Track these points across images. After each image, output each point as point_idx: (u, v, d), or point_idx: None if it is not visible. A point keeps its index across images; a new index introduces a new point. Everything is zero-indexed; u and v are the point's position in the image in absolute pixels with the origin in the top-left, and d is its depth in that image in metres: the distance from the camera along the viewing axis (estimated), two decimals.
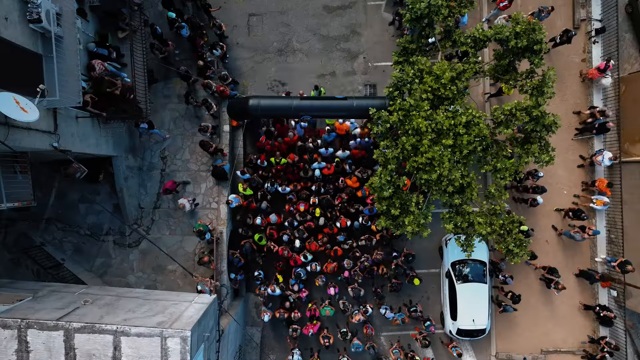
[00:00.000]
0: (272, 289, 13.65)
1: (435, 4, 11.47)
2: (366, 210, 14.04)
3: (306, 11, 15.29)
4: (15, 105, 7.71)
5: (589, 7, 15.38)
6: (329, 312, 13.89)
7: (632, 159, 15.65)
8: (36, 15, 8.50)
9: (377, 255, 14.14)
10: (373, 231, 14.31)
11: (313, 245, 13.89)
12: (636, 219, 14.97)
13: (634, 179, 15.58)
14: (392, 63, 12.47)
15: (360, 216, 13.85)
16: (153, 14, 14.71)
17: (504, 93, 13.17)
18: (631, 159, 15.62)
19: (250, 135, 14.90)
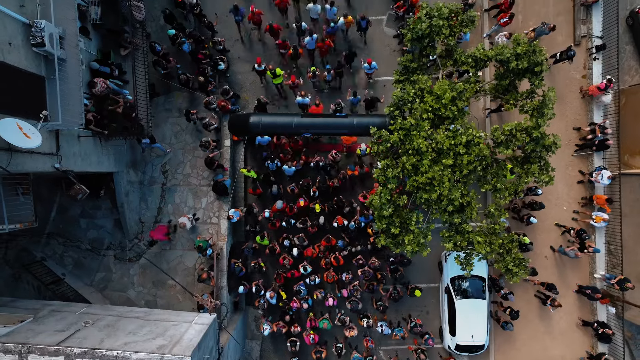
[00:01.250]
0: (271, 295, 13.70)
1: (437, 24, 11.52)
2: (362, 217, 14.10)
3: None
4: (18, 132, 7.76)
5: (589, 24, 15.41)
6: (327, 325, 13.93)
7: (632, 171, 15.70)
8: (39, 39, 8.55)
9: (375, 262, 14.18)
10: (369, 234, 14.43)
11: (309, 250, 13.97)
12: (636, 232, 15.03)
13: (634, 192, 15.64)
14: (393, 81, 12.51)
15: (354, 217, 13.94)
16: (155, 28, 14.81)
17: (505, 109, 13.21)
18: (631, 172, 15.66)
19: (252, 148, 14.95)
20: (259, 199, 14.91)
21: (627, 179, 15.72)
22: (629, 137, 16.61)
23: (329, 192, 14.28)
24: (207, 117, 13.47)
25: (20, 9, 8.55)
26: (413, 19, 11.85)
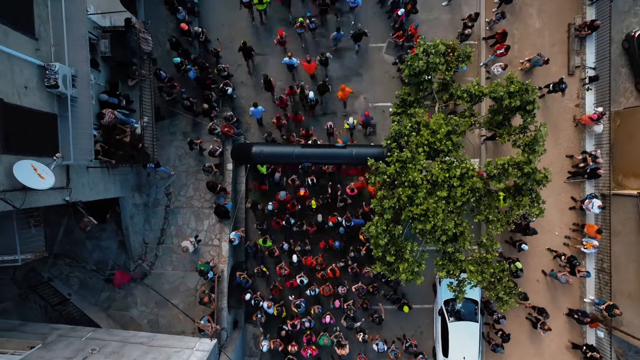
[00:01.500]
0: (268, 305, 14.13)
1: (433, 61, 11.96)
2: (354, 219, 14.47)
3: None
4: (33, 173, 8.19)
5: (583, 55, 15.84)
6: (327, 341, 14.32)
7: (624, 192, 16.09)
8: (54, 81, 8.99)
9: (369, 272, 14.56)
10: (362, 241, 14.90)
11: (309, 259, 14.43)
12: (628, 250, 15.40)
13: (626, 212, 16.04)
14: (391, 113, 12.95)
15: (344, 220, 14.36)
16: (160, 53, 15.20)
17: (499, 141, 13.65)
18: (623, 192, 16.05)
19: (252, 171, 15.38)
20: (263, 197, 15.36)
21: (619, 200, 16.12)
22: (622, 158, 17.03)
23: (325, 175, 14.74)
24: (211, 144, 13.89)
25: (36, 52, 8.98)
26: (411, 56, 12.30)
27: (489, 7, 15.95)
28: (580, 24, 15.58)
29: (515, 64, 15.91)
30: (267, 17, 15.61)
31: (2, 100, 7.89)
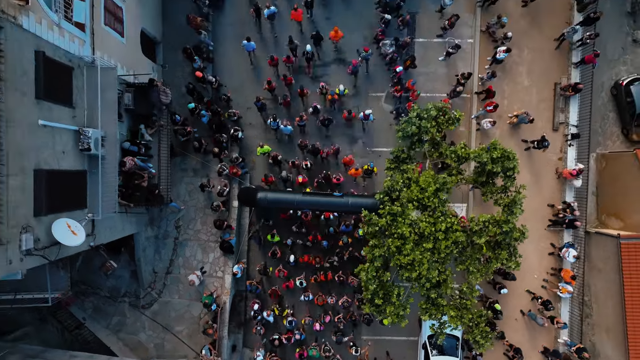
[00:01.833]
0: (267, 313, 15.30)
1: (425, 126, 13.20)
2: (343, 226, 15.63)
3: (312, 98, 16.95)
4: (67, 230, 9.42)
5: (567, 113, 17.07)
6: (315, 352, 15.47)
7: (606, 231, 17.32)
8: (87, 145, 10.22)
9: (354, 281, 15.75)
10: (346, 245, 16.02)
11: (306, 257, 15.74)
12: (607, 288, 16.66)
13: (607, 251, 17.26)
14: (385, 168, 14.18)
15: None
16: (176, 95, 16.37)
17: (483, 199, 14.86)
18: (605, 231, 17.26)
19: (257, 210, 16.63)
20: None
21: (601, 238, 17.29)
22: (606, 198, 18.28)
23: (318, 150, 15.96)
24: (219, 185, 15.12)
25: (72, 119, 10.21)
26: (404, 120, 13.53)
27: (482, 62, 17.15)
28: (565, 84, 16.83)
29: (504, 118, 17.13)
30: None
31: (46, 170, 9.12)
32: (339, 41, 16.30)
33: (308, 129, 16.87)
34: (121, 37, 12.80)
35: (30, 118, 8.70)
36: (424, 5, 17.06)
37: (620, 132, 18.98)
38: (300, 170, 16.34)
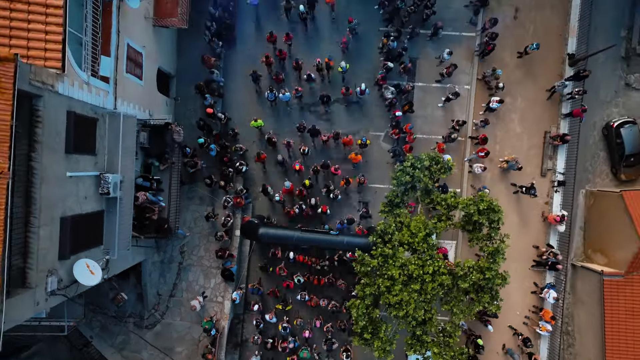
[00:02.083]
0: (270, 316, 16.24)
1: (418, 176, 14.18)
2: (338, 224, 16.67)
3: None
4: (86, 270, 10.40)
5: (555, 160, 18.05)
6: (307, 354, 16.30)
7: (591, 265, 18.31)
8: (106, 189, 11.19)
9: (342, 285, 16.69)
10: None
11: (300, 257, 16.54)
12: (589, 321, 17.75)
13: (591, 285, 18.28)
14: (379, 211, 15.15)
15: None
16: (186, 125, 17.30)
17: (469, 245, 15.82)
18: (590, 266, 18.27)
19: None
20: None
21: (585, 273, 18.36)
22: (593, 234, 19.28)
23: (318, 132, 16.82)
24: (223, 217, 16.10)
25: (94, 165, 11.19)
26: (399, 168, 14.51)
27: (478, 108, 18.12)
28: (554, 134, 17.81)
29: (495, 162, 18.10)
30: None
31: (70, 216, 10.09)
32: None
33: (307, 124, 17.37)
34: (140, 80, 13.77)
35: (60, 172, 9.68)
36: (424, 51, 18.05)
37: (609, 171, 20.02)
38: (296, 154, 17.25)
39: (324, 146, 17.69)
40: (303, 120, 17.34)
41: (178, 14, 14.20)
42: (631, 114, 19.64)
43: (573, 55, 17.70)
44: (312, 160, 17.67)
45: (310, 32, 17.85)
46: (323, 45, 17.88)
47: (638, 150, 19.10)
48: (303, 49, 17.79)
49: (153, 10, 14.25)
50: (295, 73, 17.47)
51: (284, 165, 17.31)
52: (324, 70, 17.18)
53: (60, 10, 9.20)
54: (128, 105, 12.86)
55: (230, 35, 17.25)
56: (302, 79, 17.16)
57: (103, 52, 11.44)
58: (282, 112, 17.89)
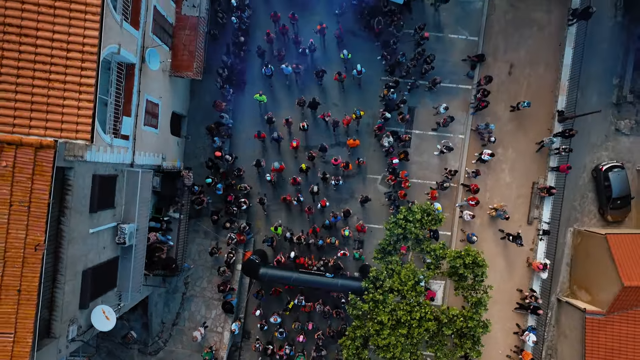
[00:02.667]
0: (274, 319, 17.29)
1: (410, 228, 15.25)
2: (333, 218, 17.77)
3: (314, 177, 18.92)
4: (102, 316, 11.45)
5: (541, 210, 19.12)
6: (303, 359, 17.43)
7: (575, 302, 19.47)
8: (123, 239, 12.24)
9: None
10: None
11: (302, 259, 17.68)
12: (571, 354, 18.94)
13: (574, 320, 19.39)
14: (372, 257, 16.22)
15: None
16: (195, 164, 18.39)
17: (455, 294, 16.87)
18: (574, 302, 19.43)
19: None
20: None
21: (571, 308, 19.46)
22: (578, 272, 20.38)
23: (318, 104, 17.88)
24: (226, 254, 17.17)
25: (112, 217, 12.26)
26: (392, 221, 15.58)
27: (471, 156, 19.17)
28: (541, 185, 18.87)
29: (485, 208, 19.16)
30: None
31: (90, 268, 11.16)
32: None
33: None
34: (155, 130, 14.83)
35: (84, 230, 10.74)
36: (423, 101, 19.12)
37: (597, 211, 21.10)
38: (296, 131, 18.33)
39: (327, 126, 18.55)
40: (302, 95, 18.29)
41: (194, 69, 15.26)
42: (620, 158, 20.79)
43: (562, 112, 18.76)
44: (311, 139, 18.65)
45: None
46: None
47: (625, 193, 20.21)
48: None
49: (170, 63, 15.31)
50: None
51: (279, 141, 18.17)
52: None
53: (92, 88, 10.26)
54: (144, 155, 13.91)
55: (240, 79, 18.32)
56: (304, 50, 18.00)
57: (125, 113, 12.51)
58: (282, 91, 18.74)
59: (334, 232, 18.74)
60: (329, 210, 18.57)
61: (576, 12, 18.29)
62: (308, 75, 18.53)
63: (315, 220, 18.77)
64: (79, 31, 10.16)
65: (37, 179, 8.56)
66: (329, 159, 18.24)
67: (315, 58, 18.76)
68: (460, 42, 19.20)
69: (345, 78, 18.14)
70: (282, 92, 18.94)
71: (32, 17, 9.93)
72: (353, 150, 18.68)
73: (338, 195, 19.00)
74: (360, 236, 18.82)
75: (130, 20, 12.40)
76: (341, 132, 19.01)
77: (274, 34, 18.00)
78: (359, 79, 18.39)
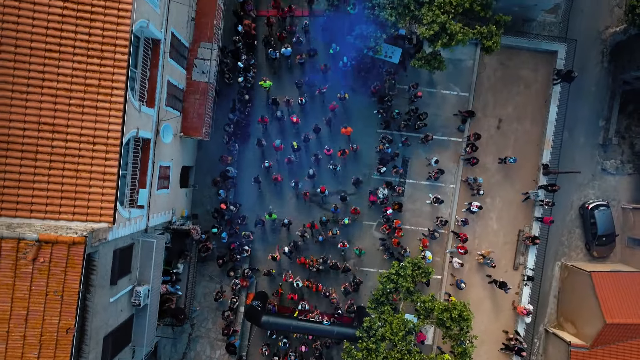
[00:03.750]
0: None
1: (401, 283, 16.47)
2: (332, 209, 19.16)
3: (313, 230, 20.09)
4: None
5: (526, 257, 20.34)
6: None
7: (561, 334, 20.77)
8: (138, 302, 13.44)
9: (334, 300, 18.93)
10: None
11: (302, 259, 18.76)
12: None
13: (560, 352, 20.69)
14: (367, 307, 17.43)
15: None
16: (201, 211, 19.59)
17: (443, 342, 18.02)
18: (560, 334, 20.73)
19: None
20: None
21: (557, 339, 20.72)
22: (565, 305, 21.66)
23: (314, 85, 18.99)
24: (229, 299, 18.38)
25: (129, 281, 13.45)
26: (385, 276, 16.80)
27: (461, 205, 20.38)
28: (526, 234, 20.10)
29: (474, 254, 20.38)
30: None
31: (110, 332, 12.36)
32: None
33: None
34: (167, 190, 16.04)
35: (106, 301, 11.94)
36: (416, 152, 20.34)
37: (584, 246, 22.38)
38: (295, 108, 19.54)
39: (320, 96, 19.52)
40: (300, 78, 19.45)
41: (203, 131, 16.48)
42: (606, 196, 22.12)
43: (547, 165, 19.99)
44: (307, 116, 19.73)
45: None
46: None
47: (609, 231, 21.52)
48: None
49: (181, 127, 16.52)
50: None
51: (282, 120, 19.40)
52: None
53: (114, 176, 11.48)
54: (157, 216, 15.12)
55: (245, 133, 19.54)
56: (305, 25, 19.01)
57: (141, 185, 13.74)
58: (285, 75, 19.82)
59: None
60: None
61: (560, 72, 19.52)
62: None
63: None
64: (103, 126, 11.39)
65: (69, 270, 9.77)
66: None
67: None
68: (452, 97, 20.44)
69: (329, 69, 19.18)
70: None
71: (63, 116, 11.15)
72: (348, 137, 19.58)
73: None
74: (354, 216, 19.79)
75: (146, 101, 13.62)
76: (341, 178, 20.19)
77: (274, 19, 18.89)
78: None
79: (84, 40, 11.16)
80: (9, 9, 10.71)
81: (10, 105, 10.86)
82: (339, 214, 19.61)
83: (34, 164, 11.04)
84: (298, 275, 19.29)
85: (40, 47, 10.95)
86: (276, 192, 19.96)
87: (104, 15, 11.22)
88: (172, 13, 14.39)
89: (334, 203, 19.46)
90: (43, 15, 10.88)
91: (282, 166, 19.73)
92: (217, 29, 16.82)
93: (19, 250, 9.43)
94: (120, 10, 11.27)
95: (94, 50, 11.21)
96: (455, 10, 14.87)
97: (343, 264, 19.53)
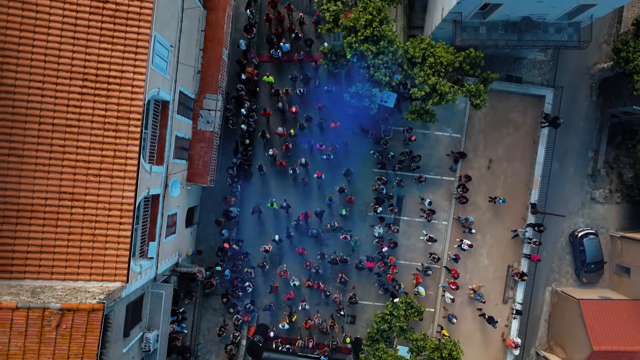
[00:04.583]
0: (282, 324, 19.33)
1: (395, 323, 17.47)
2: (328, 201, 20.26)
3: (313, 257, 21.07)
4: None
5: (515, 291, 21.31)
6: None
7: (551, 357, 21.86)
8: (147, 348, 14.40)
9: (337, 298, 19.93)
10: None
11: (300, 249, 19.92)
12: None
13: None
14: (362, 344, 18.42)
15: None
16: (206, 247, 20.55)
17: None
18: (550, 357, 21.83)
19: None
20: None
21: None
22: (555, 329, 22.64)
23: (309, 79, 19.87)
24: (231, 333, 19.35)
25: (140, 328, 14.41)
26: (379, 316, 17.79)
27: (454, 241, 21.35)
28: (515, 270, 21.07)
29: (465, 288, 21.35)
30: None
31: None
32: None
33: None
34: (174, 235, 17.00)
35: (119, 352, 12.90)
36: (411, 191, 21.32)
37: (573, 272, 23.37)
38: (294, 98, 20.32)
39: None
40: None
41: (208, 179, 17.45)
42: (595, 225, 23.12)
43: (535, 205, 20.97)
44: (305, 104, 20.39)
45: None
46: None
47: (598, 259, 22.52)
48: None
49: (187, 174, 17.49)
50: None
51: (283, 111, 20.24)
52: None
53: (128, 239, 12.45)
54: (165, 262, 16.07)
55: (247, 172, 20.51)
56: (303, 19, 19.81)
57: (150, 238, 14.70)
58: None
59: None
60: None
61: (548, 117, 20.51)
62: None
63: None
64: (118, 193, 12.37)
65: (89, 334, 10.73)
66: None
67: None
68: (445, 138, 21.43)
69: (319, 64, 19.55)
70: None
71: (81, 185, 12.13)
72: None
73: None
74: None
75: (156, 160, 14.59)
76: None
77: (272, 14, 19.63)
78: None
79: (100, 115, 12.15)
80: (33, 90, 11.69)
81: (34, 177, 11.83)
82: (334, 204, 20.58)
83: (55, 230, 12.01)
84: (295, 275, 20.37)
85: (62, 122, 11.94)
86: (275, 220, 20.93)
87: (119, 92, 12.20)
88: (179, 73, 15.36)
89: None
90: (64, 94, 11.87)
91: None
92: (221, 82, 17.78)
93: (43, 319, 10.39)
94: (134, 87, 12.25)
95: (109, 124, 12.19)
96: (445, 70, 15.85)
97: (339, 256, 20.35)
